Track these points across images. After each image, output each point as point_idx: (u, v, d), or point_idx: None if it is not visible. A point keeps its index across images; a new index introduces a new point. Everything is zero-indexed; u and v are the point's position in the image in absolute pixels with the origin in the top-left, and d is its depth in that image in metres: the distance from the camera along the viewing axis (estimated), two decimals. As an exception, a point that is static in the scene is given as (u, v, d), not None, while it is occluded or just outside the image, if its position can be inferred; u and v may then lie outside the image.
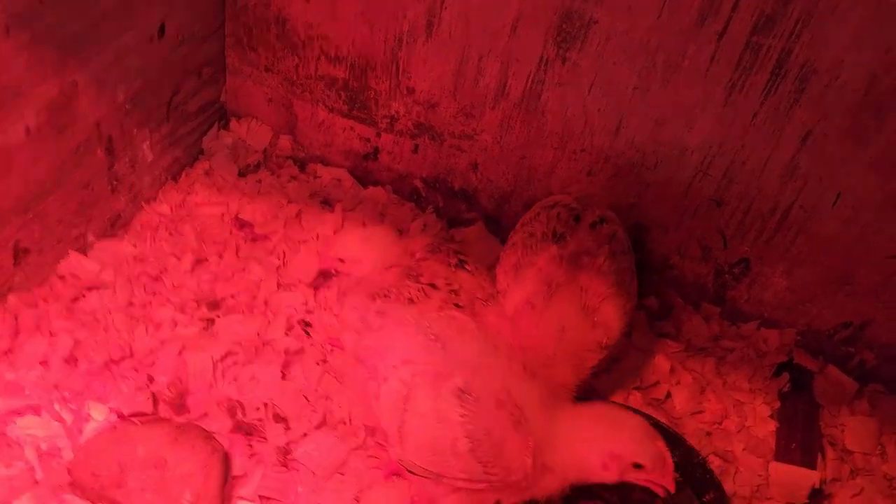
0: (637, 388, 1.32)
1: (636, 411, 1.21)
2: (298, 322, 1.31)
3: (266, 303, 1.34)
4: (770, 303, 1.37)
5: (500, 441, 0.95)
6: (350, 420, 1.20)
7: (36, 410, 1.12)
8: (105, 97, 1.23)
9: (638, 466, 0.96)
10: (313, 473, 1.13)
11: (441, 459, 0.96)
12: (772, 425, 1.31)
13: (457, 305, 1.17)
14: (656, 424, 1.20)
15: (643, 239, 1.39)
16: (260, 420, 1.18)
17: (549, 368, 1.08)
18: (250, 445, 1.15)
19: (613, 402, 1.08)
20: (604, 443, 0.96)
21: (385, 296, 1.13)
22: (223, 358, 1.24)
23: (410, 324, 1.03)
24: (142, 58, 1.28)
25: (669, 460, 0.97)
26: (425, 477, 0.99)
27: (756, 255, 1.33)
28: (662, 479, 0.97)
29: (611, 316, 1.15)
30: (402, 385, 0.98)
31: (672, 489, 0.98)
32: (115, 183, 1.34)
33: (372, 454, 1.16)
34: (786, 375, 1.36)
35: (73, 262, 1.30)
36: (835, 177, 1.19)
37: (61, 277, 1.29)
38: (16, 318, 1.20)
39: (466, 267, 1.23)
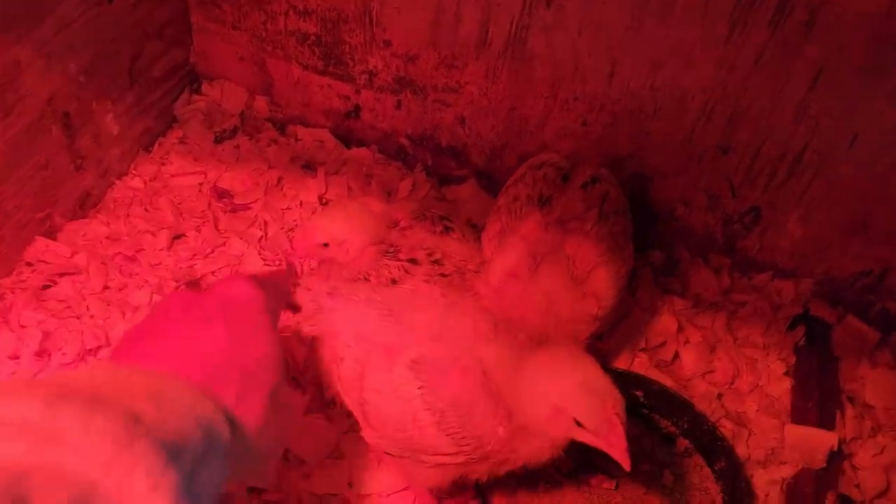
0: (643, 350, 1.25)
1: (619, 371, 1.17)
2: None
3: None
4: (785, 252, 1.29)
5: (469, 410, 0.88)
6: (340, 403, 1.14)
7: (9, 408, 1.07)
8: (54, 71, 1.14)
9: (579, 425, 0.85)
10: (304, 460, 1.09)
11: (407, 436, 0.90)
12: (787, 383, 1.24)
13: (442, 276, 1.10)
14: (664, 393, 1.14)
15: (646, 189, 1.30)
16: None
17: (541, 343, 1.00)
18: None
19: (578, 350, 0.96)
20: (550, 393, 0.86)
21: (365, 279, 1.06)
22: (204, 341, 1.18)
23: (361, 300, 0.97)
24: (91, 24, 1.18)
25: (619, 429, 0.84)
26: (402, 457, 0.94)
27: (767, 202, 1.24)
28: (610, 446, 0.85)
29: (602, 284, 1.06)
30: (357, 363, 0.94)
31: (625, 466, 0.84)
32: (79, 160, 1.27)
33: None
34: (801, 328, 1.28)
35: (41, 248, 1.24)
36: (851, 116, 1.08)
37: (29, 265, 1.23)
38: (-17, 312, 1.15)
39: (453, 234, 1.15)
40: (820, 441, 1.14)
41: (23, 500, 0.45)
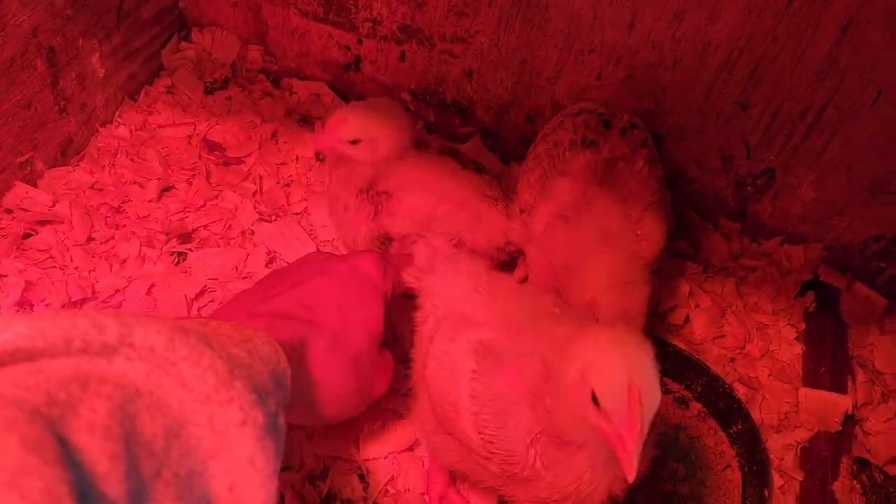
0: (653, 314, 1.21)
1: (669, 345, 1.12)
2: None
3: (243, 233, 1.20)
4: (796, 216, 1.26)
5: (506, 413, 0.78)
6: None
7: (-12, 361, 0.99)
8: (40, 1, 1.06)
9: (595, 402, 0.70)
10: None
11: (446, 412, 0.84)
12: (798, 348, 1.21)
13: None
14: (679, 355, 1.11)
15: (659, 149, 1.26)
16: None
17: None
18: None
19: (636, 330, 0.88)
20: (578, 355, 0.73)
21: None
22: (198, 296, 1.11)
23: (467, 272, 0.92)
24: (80, -48, 1.10)
25: (636, 418, 0.68)
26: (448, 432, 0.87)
27: (782, 163, 1.21)
28: (618, 441, 0.69)
29: (654, 226, 1.03)
30: (432, 324, 0.89)
31: (629, 474, 0.68)
32: (62, 103, 1.18)
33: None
34: (811, 294, 1.26)
35: (21, 194, 1.16)
36: (877, 70, 1.05)
37: (8, 211, 1.15)
38: (-42, 260, 1.06)
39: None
40: (835, 404, 1.13)
41: (131, 420, 0.50)
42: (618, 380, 0.69)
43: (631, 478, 0.68)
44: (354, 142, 1.05)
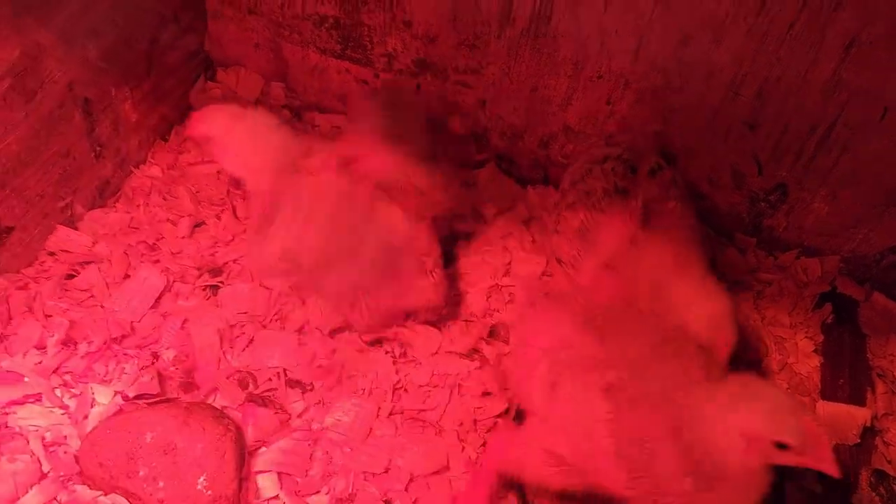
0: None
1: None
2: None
3: (271, 265, 1.26)
4: (810, 230, 1.28)
5: (653, 452, 0.83)
6: (371, 389, 1.13)
7: (37, 398, 1.06)
8: (75, 55, 1.13)
9: (782, 447, 0.81)
10: (344, 439, 1.08)
11: (582, 452, 0.87)
12: (816, 361, 1.23)
13: None
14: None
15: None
16: (274, 390, 1.12)
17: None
18: (268, 417, 1.08)
19: (751, 375, 0.90)
20: (737, 427, 0.81)
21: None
22: (230, 328, 1.17)
23: (572, 310, 0.95)
24: (110, 8, 1.16)
25: (824, 438, 0.81)
26: (570, 468, 0.90)
27: (794, 179, 1.22)
28: (818, 461, 0.82)
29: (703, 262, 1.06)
30: (550, 371, 0.91)
31: (835, 473, 0.81)
32: (98, 148, 1.25)
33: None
34: (829, 306, 1.28)
35: (63, 237, 1.22)
36: (883, 88, 1.07)
37: (51, 254, 1.21)
38: (7, 302, 1.13)
39: None
40: (853, 417, 1.14)
41: None
42: (800, 426, 0.81)
43: (839, 474, 0.81)
44: (207, 138, 1.11)
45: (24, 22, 1.02)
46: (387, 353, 1.17)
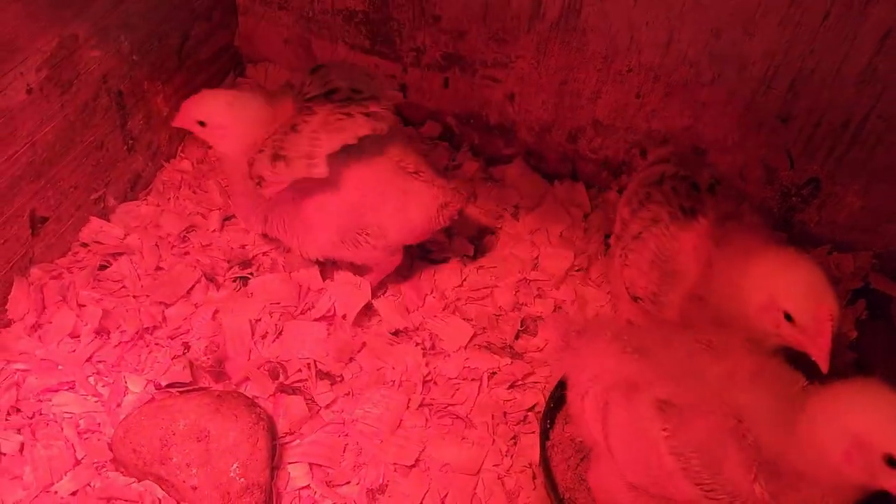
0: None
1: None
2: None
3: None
4: (843, 225, 1.26)
5: (718, 460, 0.80)
6: (400, 381, 1.13)
7: (71, 386, 1.07)
8: (109, 48, 1.14)
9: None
10: (374, 431, 1.08)
11: (653, 477, 0.85)
12: (849, 357, 1.21)
13: (344, 113, 1.04)
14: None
15: (700, 162, 1.28)
16: (304, 381, 1.12)
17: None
18: (298, 407, 1.09)
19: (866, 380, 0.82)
20: (845, 427, 0.74)
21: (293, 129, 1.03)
22: (260, 319, 1.17)
23: (606, 337, 0.93)
24: (144, 2, 1.18)
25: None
26: (650, 493, 0.88)
27: (827, 173, 1.21)
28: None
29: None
30: (598, 399, 0.89)
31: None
32: (131, 141, 1.26)
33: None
34: (862, 302, 1.26)
35: (96, 228, 1.24)
36: (919, 78, 1.06)
37: (84, 245, 1.23)
38: (41, 291, 1.14)
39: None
40: (889, 413, 1.12)
41: None
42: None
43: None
44: (202, 123, 1.09)
45: (62, 13, 1.04)
46: (416, 344, 1.17)
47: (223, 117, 1.09)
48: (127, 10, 1.15)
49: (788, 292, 0.87)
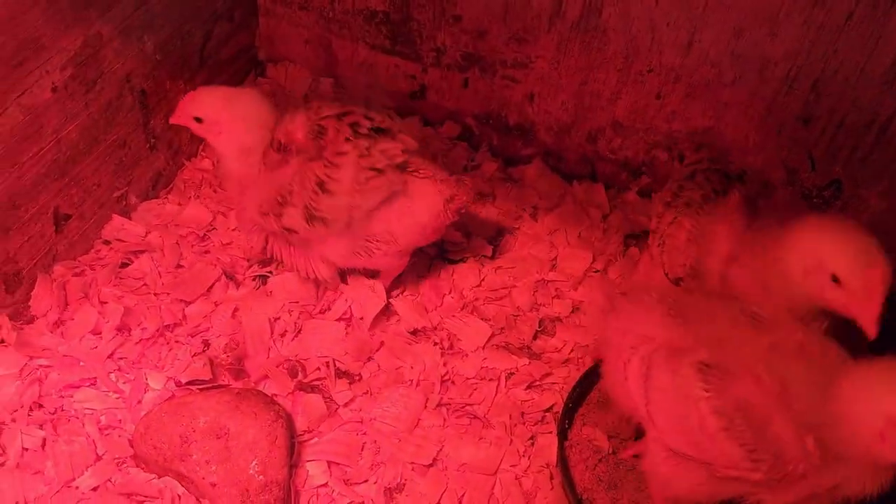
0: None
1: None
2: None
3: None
4: (866, 227, 1.25)
5: (763, 420, 0.81)
6: (418, 381, 1.13)
7: (92, 382, 1.08)
8: (132, 47, 1.15)
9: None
10: (392, 430, 1.08)
11: (693, 441, 0.85)
12: (872, 360, 1.20)
13: (375, 170, 1.04)
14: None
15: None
16: (322, 379, 1.12)
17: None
18: (317, 405, 1.09)
19: None
20: (880, 407, 0.74)
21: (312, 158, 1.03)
22: (279, 317, 1.18)
23: (650, 302, 0.93)
24: (167, 2, 1.19)
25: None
26: (690, 459, 0.88)
27: (849, 175, 1.20)
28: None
29: None
30: (642, 362, 0.90)
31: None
32: (153, 140, 1.27)
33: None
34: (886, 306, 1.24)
35: (117, 226, 1.25)
36: (945, 80, 1.05)
37: (106, 243, 1.24)
38: (64, 288, 1.15)
39: (360, 129, 1.06)
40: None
41: None
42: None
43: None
44: (198, 119, 1.08)
45: (87, 13, 1.05)
46: (435, 344, 1.17)
47: (219, 113, 1.07)
48: (151, 10, 1.16)
49: (838, 255, 0.85)
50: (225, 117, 1.07)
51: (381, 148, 1.05)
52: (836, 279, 0.85)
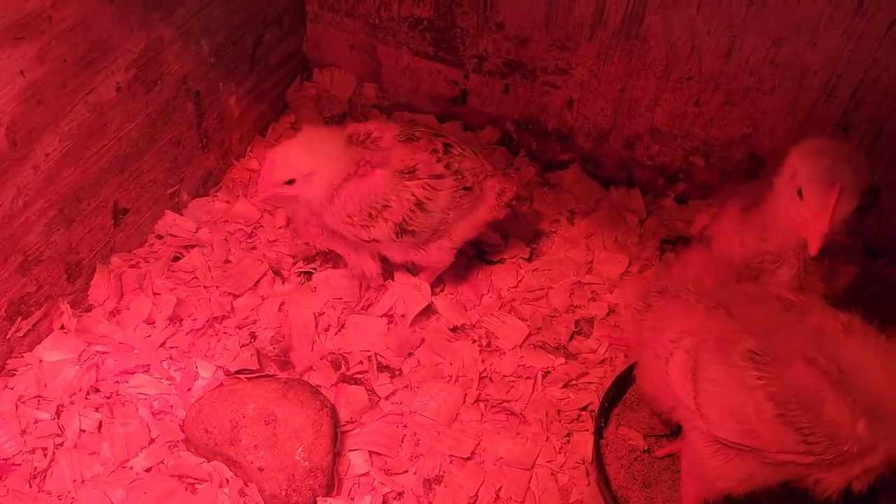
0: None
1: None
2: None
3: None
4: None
5: (817, 404, 0.82)
6: (457, 376, 1.16)
7: (146, 369, 1.13)
8: (190, 50, 1.20)
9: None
10: (431, 423, 1.11)
11: (748, 429, 0.87)
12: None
13: (466, 189, 1.13)
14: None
15: (757, 172, 1.29)
16: (364, 373, 1.16)
17: None
18: (359, 397, 1.13)
19: None
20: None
21: (384, 206, 1.09)
22: (323, 312, 1.22)
23: (690, 296, 0.96)
24: (223, 8, 1.24)
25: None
26: (741, 449, 0.89)
27: (888, 183, 1.21)
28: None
29: None
30: (687, 356, 0.91)
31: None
32: (205, 140, 1.33)
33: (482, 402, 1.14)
34: (921, 313, 1.25)
35: (170, 222, 1.30)
36: None
37: (159, 237, 1.29)
38: (120, 279, 1.20)
39: (453, 149, 1.13)
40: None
41: None
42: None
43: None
44: (290, 181, 1.07)
45: (150, 16, 1.10)
46: (473, 342, 1.20)
47: (307, 164, 1.07)
48: (208, 14, 1.22)
49: (807, 169, 0.90)
50: (312, 164, 1.07)
51: (468, 167, 1.13)
52: (800, 194, 0.89)
